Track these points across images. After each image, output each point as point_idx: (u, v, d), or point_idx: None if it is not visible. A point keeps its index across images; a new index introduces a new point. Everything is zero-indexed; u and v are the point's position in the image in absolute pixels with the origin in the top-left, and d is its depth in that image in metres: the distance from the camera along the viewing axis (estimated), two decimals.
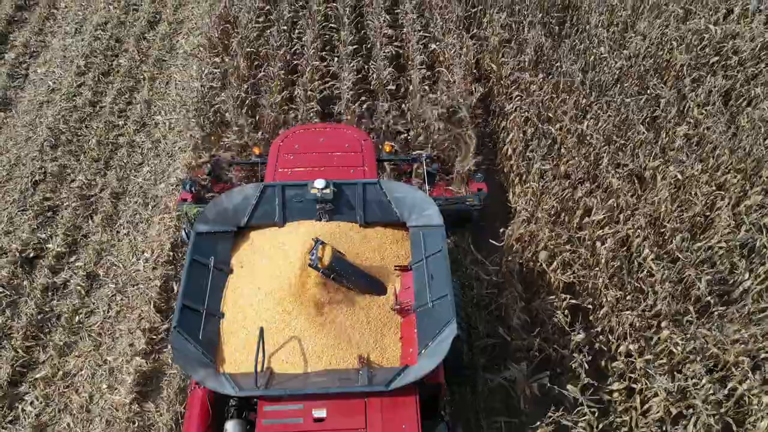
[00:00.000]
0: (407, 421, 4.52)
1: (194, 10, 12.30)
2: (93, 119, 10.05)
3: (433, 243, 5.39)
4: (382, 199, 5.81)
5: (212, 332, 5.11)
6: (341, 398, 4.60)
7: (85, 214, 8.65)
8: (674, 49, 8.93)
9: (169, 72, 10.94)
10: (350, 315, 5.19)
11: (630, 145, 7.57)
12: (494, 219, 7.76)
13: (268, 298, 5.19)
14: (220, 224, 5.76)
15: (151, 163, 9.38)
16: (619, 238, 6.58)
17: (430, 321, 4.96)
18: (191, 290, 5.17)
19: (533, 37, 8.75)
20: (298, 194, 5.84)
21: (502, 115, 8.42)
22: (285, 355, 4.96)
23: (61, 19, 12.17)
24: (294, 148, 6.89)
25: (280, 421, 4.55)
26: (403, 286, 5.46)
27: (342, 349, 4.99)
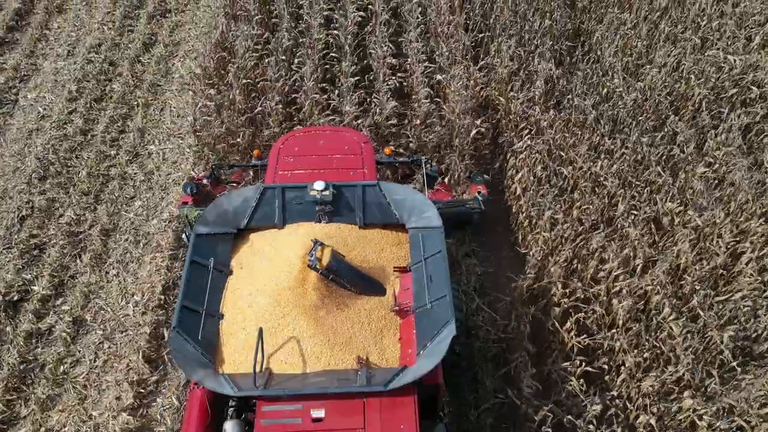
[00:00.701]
0: (406, 421, 4.58)
1: (191, 31, 12.04)
2: (84, 149, 9.77)
3: (432, 245, 5.52)
4: (382, 201, 5.94)
5: (211, 333, 5.22)
6: (340, 398, 4.66)
7: (73, 252, 8.35)
8: (691, 80, 8.60)
9: (164, 98, 10.66)
10: (349, 316, 5.27)
11: (647, 189, 7.24)
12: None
13: (267, 299, 5.27)
14: (220, 226, 5.87)
15: (144, 196, 9.08)
16: (637, 294, 6.24)
17: (429, 322, 5.06)
18: (191, 291, 5.28)
19: (543, 69, 8.43)
20: (298, 196, 5.96)
21: (511, 151, 8.09)
22: (284, 356, 5.04)
23: (54, 41, 11.91)
24: (294, 151, 7.00)
25: (279, 421, 4.62)
26: (402, 287, 5.55)
27: (341, 350, 5.07)
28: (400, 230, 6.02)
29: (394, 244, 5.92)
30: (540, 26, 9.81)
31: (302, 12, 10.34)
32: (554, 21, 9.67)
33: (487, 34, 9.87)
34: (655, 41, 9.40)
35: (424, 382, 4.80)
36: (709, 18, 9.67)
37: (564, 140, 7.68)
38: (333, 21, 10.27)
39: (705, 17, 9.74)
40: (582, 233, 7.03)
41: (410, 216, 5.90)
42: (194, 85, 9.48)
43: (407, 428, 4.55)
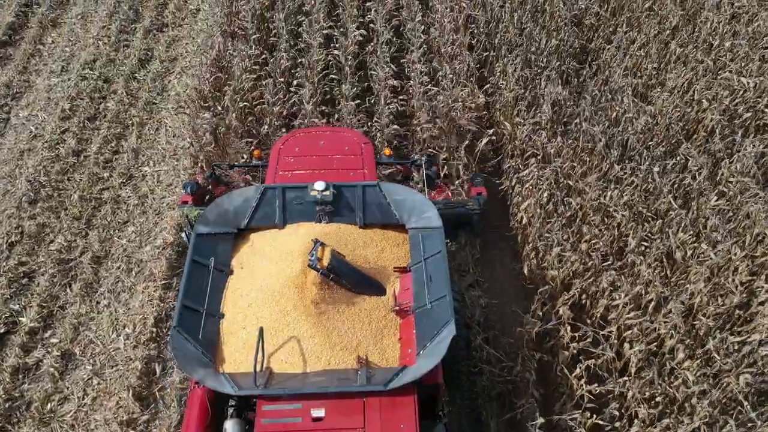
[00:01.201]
0: (405, 421, 4.62)
1: (188, 46, 11.83)
2: (76, 170, 9.56)
3: (432, 245, 5.58)
4: (382, 202, 6.01)
5: (212, 332, 5.26)
6: (340, 398, 4.71)
7: (63, 281, 8.13)
8: (703, 103, 8.36)
9: (159, 116, 10.45)
10: (349, 316, 5.31)
11: (658, 221, 6.99)
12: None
13: (267, 299, 5.31)
14: (220, 226, 5.92)
15: (137, 221, 8.86)
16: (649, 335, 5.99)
17: (429, 322, 5.11)
18: (191, 291, 5.31)
19: (550, 93, 8.20)
20: (298, 196, 6.02)
21: (517, 178, 7.86)
22: (284, 355, 5.07)
23: (47, 56, 11.71)
24: (294, 151, 7.08)
25: (279, 420, 4.66)
26: (402, 287, 5.60)
27: (341, 350, 5.11)
28: (400, 230, 6.08)
29: (394, 245, 5.98)
30: (546, 44, 9.61)
31: (302, 30, 10.13)
32: (561, 40, 9.44)
33: (492, 54, 9.64)
34: (666, 62, 9.16)
35: (423, 382, 4.86)
36: (721, 37, 9.44)
37: (572, 168, 7.44)
38: (333, 40, 10.07)
39: (717, 36, 9.52)
40: (591, 267, 6.79)
41: (410, 216, 5.96)
42: (189, 109, 9.25)
43: (407, 428, 4.59)
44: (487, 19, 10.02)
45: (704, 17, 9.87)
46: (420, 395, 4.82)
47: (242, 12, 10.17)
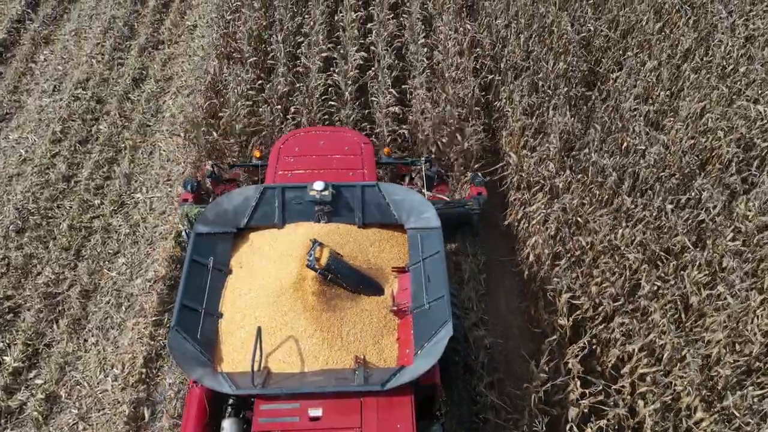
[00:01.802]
0: (402, 421, 4.65)
1: (184, 65, 11.60)
2: (66, 197, 9.31)
3: (430, 245, 5.63)
4: (381, 202, 6.07)
5: (210, 332, 5.30)
6: (337, 398, 4.76)
7: (49, 317, 7.87)
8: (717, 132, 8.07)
9: (153, 140, 10.21)
10: (347, 316, 5.35)
11: (672, 262, 6.71)
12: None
13: (266, 299, 5.35)
14: (220, 225, 5.97)
15: (128, 252, 8.60)
16: (665, 388, 5.70)
17: (427, 322, 5.13)
18: (190, 290, 5.36)
19: (558, 123, 7.92)
20: (298, 196, 6.08)
21: (524, 214, 7.58)
22: (282, 355, 5.12)
23: (39, 75, 11.48)
24: (294, 151, 7.14)
25: (277, 419, 4.71)
26: (401, 287, 5.64)
27: (339, 350, 5.14)
28: (399, 230, 6.13)
29: (392, 245, 6.03)
30: (554, 67, 9.34)
31: (300, 52, 9.88)
32: (569, 64, 9.17)
33: (497, 78, 9.37)
34: (678, 88, 8.89)
35: (421, 382, 4.91)
36: (736, 62, 9.15)
37: (581, 206, 7.15)
38: (333, 63, 9.80)
39: (731, 60, 9.23)
40: (602, 312, 6.51)
41: (409, 216, 6.02)
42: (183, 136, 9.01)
43: (404, 428, 4.62)
44: (493, 41, 9.75)
45: (717, 40, 9.59)
46: (417, 395, 4.88)
47: (238, 33, 9.90)
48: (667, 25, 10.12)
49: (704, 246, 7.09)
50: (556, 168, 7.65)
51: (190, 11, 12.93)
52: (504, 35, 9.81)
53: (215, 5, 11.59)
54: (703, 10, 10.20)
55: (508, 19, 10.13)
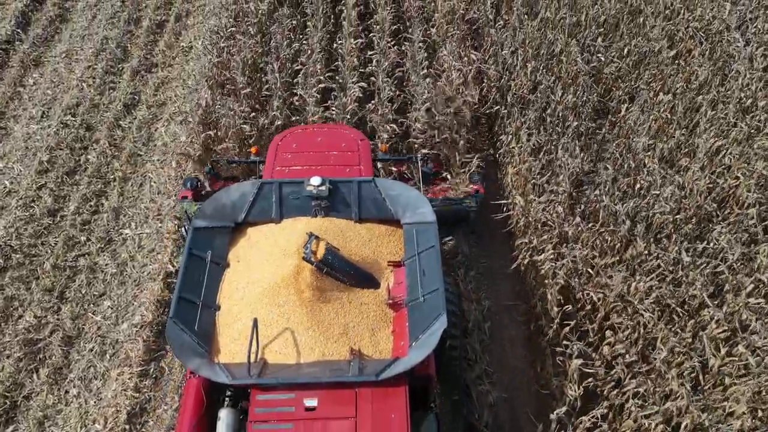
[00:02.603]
0: (396, 411, 4.79)
1: (177, 89, 11.30)
2: (51, 233, 9.00)
3: (425, 239, 5.74)
4: (377, 197, 6.19)
5: (208, 324, 5.42)
6: (332, 388, 4.88)
7: (29, 366, 7.56)
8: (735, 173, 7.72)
9: (143, 170, 9.89)
10: (343, 308, 5.45)
11: (690, 321, 6.35)
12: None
13: (263, 291, 5.45)
14: (218, 220, 6.10)
15: (114, 294, 8.28)
16: None
17: (422, 314, 5.25)
18: (188, 283, 5.48)
19: (568, 165, 7.57)
20: (295, 191, 6.20)
21: (530, 260, 7.23)
22: (278, 347, 5.23)
23: (28, 100, 11.19)
24: (292, 147, 7.25)
25: (273, 409, 4.85)
26: (396, 281, 5.77)
27: (334, 342, 5.26)
28: (395, 225, 6.25)
29: (388, 239, 6.15)
30: (562, 98, 9.00)
31: (296, 81, 9.55)
32: (578, 97, 8.83)
33: (503, 109, 9.02)
34: (694, 123, 8.53)
35: (416, 373, 5.04)
36: (754, 95, 8.80)
37: (592, 257, 6.80)
38: (330, 96, 9.47)
39: (749, 92, 8.88)
40: (615, 374, 6.15)
41: (405, 212, 6.14)
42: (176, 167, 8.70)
43: (398, 418, 4.75)
44: (499, 72, 9.41)
45: (734, 71, 9.24)
46: (412, 387, 5.00)
47: (232, 62, 9.58)
48: (681, 54, 9.77)
49: (723, 300, 6.73)
50: (565, 212, 7.30)
51: (186, 32, 12.64)
52: (511, 63, 9.46)
53: (210, 30, 11.27)
54: (719, 38, 9.87)
55: (515, 46, 9.80)
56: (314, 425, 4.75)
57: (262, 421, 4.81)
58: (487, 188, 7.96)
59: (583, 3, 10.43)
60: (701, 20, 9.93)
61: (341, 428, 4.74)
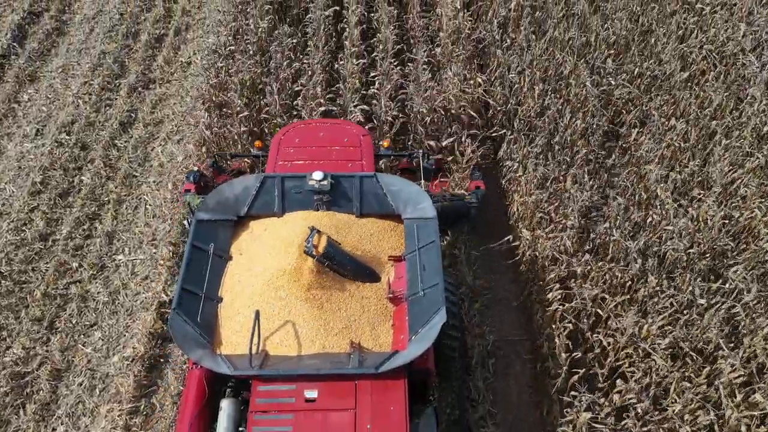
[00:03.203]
0: (395, 404, 4.87)
1: (175, 107, 11.10)
2: (43, 258, 8.79)
3: (426, 235, 5.82)
4: (379, 192, 6.27)
5: (210, 315, 5.52)
6: (332, 380, 4.97)
7: (15, 401, 7.34)
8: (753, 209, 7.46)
9: (139, 192, 9.68)
10: (344, 301, 5.53)
11: (706, 369, 6.08)
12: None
13: (264, 284, 5.52)
14: (220, 213, 6.20)
15: (106, 324, 8.07)
16: None
17: (421, 308, 5.32)
18: (191, 275, 5.57)
19: (577, 199, 7.32)
20: (297, 185, 6.28)
21: (537, 299, 6.98)
22: (280, 339, 5.31)
23: (22, 117, 11.00)
24: (294, 142, 7.33)
25: (273, 400, 4.96)
26: (397, 275, 5.84)
27: (335, 335, 5.34)
28: (396, 221, 6.32)
29: (389, 234, 6.23)
30: (571, 122, 8.76)
31: (296, 104, 9.32)
32: (588, 123, 8.59)
33: (509, 135, 8.78)
34: (707, 151, 8.27)
35: (415, 367, 5.16)
36: None
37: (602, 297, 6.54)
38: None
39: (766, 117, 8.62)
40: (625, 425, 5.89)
41: (406, 207, 6.22)
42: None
43: (397, 410, 4.83)
44: (506, 95, 9.16)
45: (750, 96, 8.99)
46: (411, 380, 5.10)
47: (230, 84, 9.37)
48: (693, 77, 9.52)
49: (739, 343, 6.47)
50: (574, 247, 7.04)
51: (185, 46, 12.44)
52: (517, 85, 9.22)
53: (208, 49, 11.08)
54: (733, 61, 9.61)
55: (522, 66, 9.56)
56: (314, 416, 4.84)
57: (262, 411, 4.91)
58: (492, 218, 7.76)
59: (592, 23, 10.19)
60: (715, 42, 9.68)
61: (341, 420, 4.81)
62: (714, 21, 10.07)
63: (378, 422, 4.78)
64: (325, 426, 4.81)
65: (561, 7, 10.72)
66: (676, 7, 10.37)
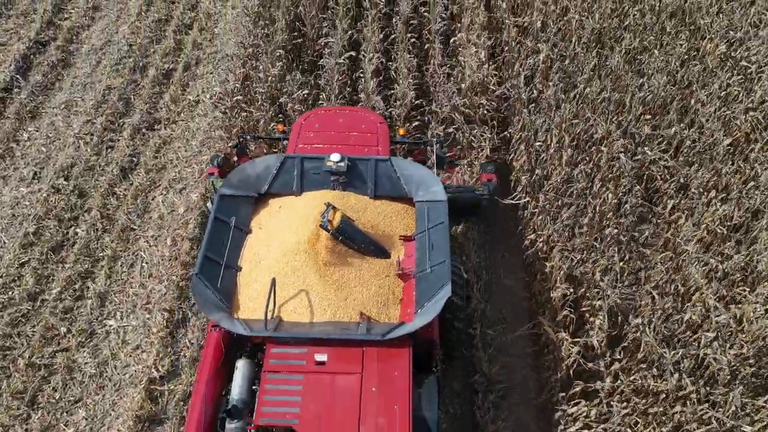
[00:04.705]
0: (399, 370, 5.23)
1: (180, 151, 10.69)
2: (30, 320, 8.40)
3: (435, 216, 6.23)
4: (392, 175, 6.70)
5: (230, 282, 5.97)
6: (341, 346, 5.36)
7: None
8: None
9: (136, 247, 9.26)
10: (355, 275, 5.91)
11: None
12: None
13: (281, 256, 5.93)
14: (243, 189, 6.68)
15: (91, 400, 7.66)
16: None
17: (428, 284, 5.72)
18: (213, 244, 6.03)
19: (608, 297, 6.70)
20: (316, 166, 6.72)
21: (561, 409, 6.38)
22: (293, 307, 5.70)
23: (20, 158, 10.66)
24: (314, 127, 7.75)
25: (285, 362, 5.36)
26: (407, 254, 6.23)
27: (345, 305, 5.71)
28: (407, 203, 6.74)
29: (401, 216, 6.64)
30: (601, 191, 8.15)
31: None
32: (620, 198, 7.98)
33: (532, 204, 8.20)
34: (753, 238, 7.62)
35: (420, 339, 5.55)
36: None
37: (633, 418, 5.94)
38: None
39: None
40: None
41: (418, 190, 6.64)
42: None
43: (400, 376, 5.19)
44: (531, 163, 8.58)
45: None
46: (416, 350, 5.44)
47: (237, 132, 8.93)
48: (737, 144, 8.85)
49: None
50: (602, 351, 6.44)
51: (194, 82, 12.04)
52: (544, 154, 8.64)
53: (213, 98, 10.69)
54: None
55: (549, 125, 8.98)
56: (323, 378, 5.22)
57: (275, 371, 5.31)
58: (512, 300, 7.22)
59: (627, 79, 9.58)
60: (762, 108, 9.01)
61: (347, 383, 5.18)
62: (761, 82, 9.40)
63: (382, 387, 5.14)
64: (333, 388, 5.17)
65: (593, 56, 10.13)
66: (718, 65, 9.72)
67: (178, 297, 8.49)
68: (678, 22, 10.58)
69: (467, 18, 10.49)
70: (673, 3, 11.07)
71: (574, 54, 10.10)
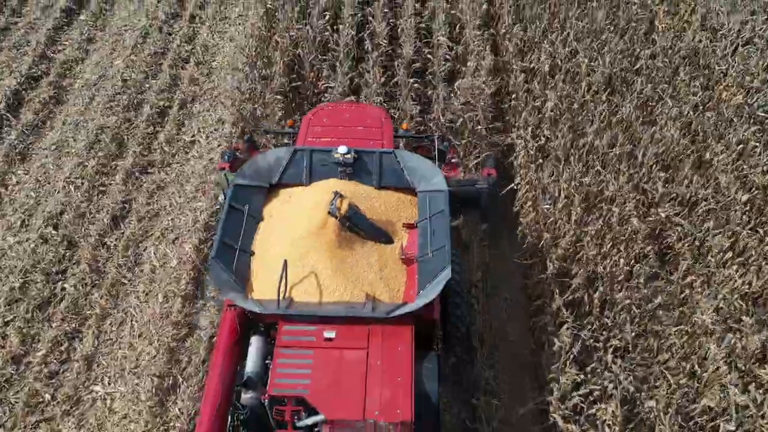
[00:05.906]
0: (402, 346, 5.67)
1: (173, 197, 10.41)
2: (12, 387, 8.11)
3: (437, 205, 6.61)
4: (396, 167, 7.07)
5: (244, 266, 6.36)
6: (348, 323, 5.78)
7: None
8: None
9: (126, 304, 8.97)
10: (362, 259, 6.30)
11: None
12: None
13: (292, 241, 6.32)
14: (255, 180, 7.04)
15: None
16: None
17: (429, 267, 6.10)
18: (228, 230, 6.42)
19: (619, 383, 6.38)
20: (324, 158, 7.09)
21: None
22: (304, 288, 6.08)
23: (8, 204, 10.38)
24: (322, 122, 8.19)
25: (296, 338, 5.79)
26: (409, 240, 6.64)
27: (353, 287, 6.08)
28: (410, 193, 7.10)
29: (405, 205, 6.99)
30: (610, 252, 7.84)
31: None
32: (631, 266, 7.67)
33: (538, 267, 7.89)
34: None
35: (422, 319, 5.97)
36: None
37: None
38: None
39: None
40: None
41: (420, 181, 7.00)
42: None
43: (403, 351, 5.62)
44: (540, 226, 8.27)
45: None
46: (419, 330, 5.88)
47: None
48: (753, 203, 8.53)
49: None
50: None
51: (189, 121, 11.77)
52: (551, 219, 8.34)
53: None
54: None
55: (557, 177, 8.69)
56: (331, 353, 5.64)
57: (287, 347, 5.71)
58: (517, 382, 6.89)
59: (638, 131, 9.28)
60: None
61: (354, 357, 5.59)
62: None
63: (387, 361, 5.55)
64: (341, 361, 5.58)
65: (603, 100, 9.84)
66: (732, 116, 9.41)
67: (168, 361, 8.21)
68: (692, 69, 10.27)
69: (473, 62, 10.19)
70: (687, 45, 10.80)
71: (583, 101, 9.81)
